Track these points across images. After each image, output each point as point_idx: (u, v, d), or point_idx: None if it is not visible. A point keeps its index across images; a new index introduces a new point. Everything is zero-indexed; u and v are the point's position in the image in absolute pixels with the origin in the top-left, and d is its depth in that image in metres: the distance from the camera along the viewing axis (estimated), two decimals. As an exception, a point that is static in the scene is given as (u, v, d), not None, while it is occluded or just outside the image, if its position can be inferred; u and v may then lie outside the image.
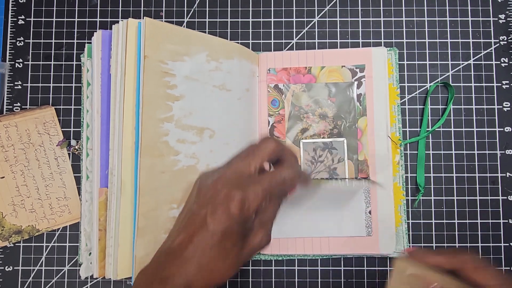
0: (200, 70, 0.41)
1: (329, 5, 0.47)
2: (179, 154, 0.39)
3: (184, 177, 0.39)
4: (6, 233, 0.43)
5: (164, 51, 0.38)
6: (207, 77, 0.41)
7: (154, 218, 0.37)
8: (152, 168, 0.37)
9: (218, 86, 0.42)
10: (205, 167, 0.40)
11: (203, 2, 0.47)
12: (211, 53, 0.41)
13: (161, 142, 0.38)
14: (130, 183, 0.38)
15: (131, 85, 0.38)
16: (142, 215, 0.37)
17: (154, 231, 0.37)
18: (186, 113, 0.39)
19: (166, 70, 0.38)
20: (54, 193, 0.44)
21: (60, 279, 0.44)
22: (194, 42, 0.40)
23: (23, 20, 0.47)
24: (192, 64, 0.40)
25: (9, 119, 0.44)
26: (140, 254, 0.37)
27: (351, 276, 0.44)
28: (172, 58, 0.39)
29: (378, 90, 0.44)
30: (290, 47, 0.47)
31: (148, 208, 0.37)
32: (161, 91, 0.38)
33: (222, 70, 0.42)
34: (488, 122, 0.45)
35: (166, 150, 0.38)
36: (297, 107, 0.45)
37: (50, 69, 0.46)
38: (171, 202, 0.38)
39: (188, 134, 0.39)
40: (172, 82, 0.39)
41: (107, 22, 0.47)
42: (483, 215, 0.44)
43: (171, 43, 0.39)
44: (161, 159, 0.38)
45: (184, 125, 0.39)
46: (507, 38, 0.46)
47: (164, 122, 0.38)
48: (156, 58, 0.38)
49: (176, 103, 0.39)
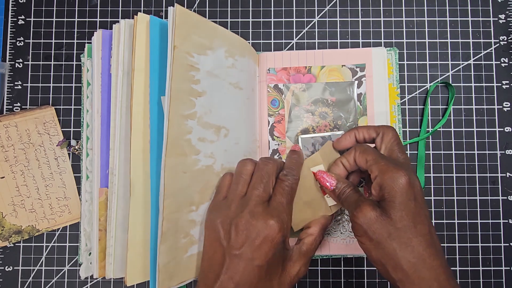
0: (220, 65, 0.38)
1: (329, 5, 0.47)
2: (200, 153, 0.36)
3: (202, 178, 0.37)
4: (6, 233, 0.43)
5: (191, 42, 0.35)
6: (225, 73, 0.39)
7: (174, 221, 0.35)
8: (176, 168, 0.34)
9: (234, 84, 0.40)
10: (220, 167, 0.38)
11: (203, 2, 0.47)
12: (230, 49, 0.39)
13: (185, 140, 0.35)
14: (141, 184, 0.36)
15: (141, 83, 0.36)
16: (166, 219, 0.34)
17: (175, 235, 0.35)
18: (206, 111, 0.37)
19: (192, 64, 0.35)
20: (54, 193, 0.44)
21: (60, 279, 0.44)
22: (217, 35, 0.38)
23: (23, 20, 0.47)
24: (213, 59, 0.38)
25: (9, 119, 0.44)
26: (163, 261, 0.34)
27: (351, 276, 0.44)
28: (197, 51, 0.36)
29: (378, 90, 0.44)
30: (290, 47, 0.47)
31: (171, 211, 0.34)
32: (187, 86, 0.35)
33: (237, 68, 0.40)
34: (488, 122, 0.45)
35: (188, 149, 0.35)
36: (297, 107, 0.45)
37: (50, 69, 0.46)
38: (190, 204, 0.36)
39: (207, 132, 0.37)
40: (197, 77, 0.36)
41: (107, 22, 0.47)
42: (483, 215, 0.44)
43: (197, 35, 0.36)
44: (184, 158, 0.35)
45: (205, 122, 0.37)
46: (507, 38, 0.46)
47: (188, 119, 0.35)
48: (184, 49, 0.35)
49: (198, 99, 0.36)
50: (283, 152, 0.44)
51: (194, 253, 0.36)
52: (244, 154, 0.41)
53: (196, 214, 0.36)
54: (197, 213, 0.36)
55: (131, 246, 0.36)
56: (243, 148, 0.41)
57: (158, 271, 0.34)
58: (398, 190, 0.30)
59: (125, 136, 0.38)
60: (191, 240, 0.36)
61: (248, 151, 0.42)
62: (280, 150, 0.44)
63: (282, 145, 0.44)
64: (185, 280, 0.36)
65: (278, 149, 0.44)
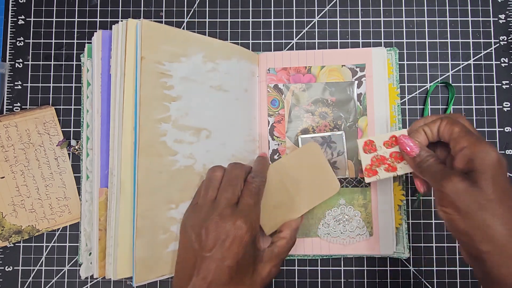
0: (197, 71, 0.41)
1: (329, 5, 0.47)
2: (177, 154, 0.39)
3: (181, 177, 0.39)
4: (6, 233, 0.43)
5: (161, 52, 0.39)
6: (204, 77, 0.41)
7: (151, 218, 0.37)
8: (150, 168, 0.37)
9: (215, 86, 0.42)
10: (202, 167, 0.40)
11: (203, 2, 0.47)
12: (208, 54, 0.42)
13: (159, 143, 0.38)
14: (129, 183, 0.37)
15: (131, 86, 0.38)
16: (140, 215, 0.37)
17: (152, 231, 0.37)
18: (182, 114, 0.40)
19: (163, 71, 0.39)
20: (54, 193, 0.44)
21: (60, 279, 0.44)
22: (191, 43, 0.41)
23: (23, 20, 0.47)
24: (189, 65, 0.40)
25: (9, 119, 0.44)
26: (139, 255, 0.37)
27: (351, 276, 0.44)
28: (169, 59, 0.39)
29: (378, 90, 0.44)
30: (290, 47, 0.47)
31: (146, 208, 0.37)
32: (158, 92, 0.38)
33: (219, 71, 0.42)
34: (488, 122, 0.45)
35: (163, 150, 0.38)
36: (297, 107, 0.45)
37: (50, 69, 0.46)
38: (169, 203, 0.38)
39: (185, 134, 0.40)
40: (169, 83, 0.39)
41: (107, 22, 0.47)
42: (483, 215, 0.44)
43: (168, 45, 0.39)
44: (159, 159, 0.38)
45: (181, 125, 0.39)
46: (507, 38, 0.46)
47: (162, 123, 0.38)
48: (153, 59, 0.38)
49: (173, 104, 0.39)
50: (283, 152, 0.44)
51: (176, 248, 0.38)
52: (233, 154, 0.43)
53: (177, 211, 0.39)
54: (177, 211, 0.39)
55: (121, 243, 0.37)
56: (232, 148, 0.43)
57: (135, 264, 0.36)
58: (490, 163, 0.30)
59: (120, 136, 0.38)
60: (172, 236, 0.39)
61: (239, 151, 0.43)
62: (280, 150, 0.44)
63: (282, 145, 0.44)
64: (166, 274, 0.38)
65: (278, 149, 0.44)
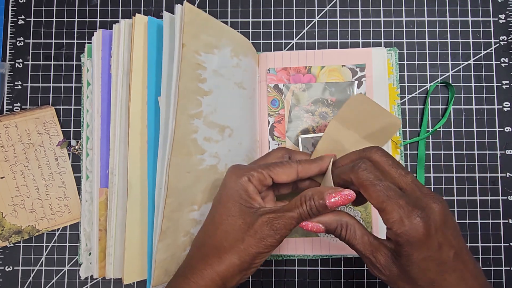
0: (225, 65, 0.38)
1: (329, 5, 0.47)
2: (205, 152, 0.36)
3: (206, 178, 0.37)
4: (6, 233, 0.43)
5: (200, 41, 0.35)
6: (230, 73, 0.39)
7: (176, 220, 0.35)
8: (180, 167, 0.34)
9: (238, 83, 0.39)
10: (224, 167, 0.38)
11: (203, 2, 0.47)
12: (235, 48, 0.39)
13: (191, 140, 0.35)
14: (138, 184, 0.37)
15: (139, 84, 0.36)
16: (166, 217, 0.34)
17: (174, 233, 0.35)
18: (212, 110, 0.37)
19: (200, 62, 0.35)
20: (54, 193, 0.44)
21: (60, 279, 0.44)
22: (224, 35, 0.38)
23: (23, 20, 0.47)
24: (220, 58, 0.37)
25: (9, 119, 0.44)
26: (160, 258, 0.34)
27: (351, 276, 0.44)
28: (205, 50, 0.36)
29: (378, 90, 0.44)
30: (290, 47, 0.47)
31: (172, 209, 0.34)
32: (194, 85, 0.35)
33: (241, 68, 0.40)
34: (488, 122, 0.45)
35: (193, 148, 0.35)
36: (297, 107, 0.45)
37: (50, 69, 0.46)
38: (192, 204, 0.36)
39: (213, 132, 0.37)
40: (203, 76, 0.36)
41: (107, 22, 0.47)
42: (483, 215, 0.44)
43: (206, 34, 0.36)
44: (188, 158, 0.35)
45: (210, 122, 0.36)
46: (507, 38, 0.46)
47: (195, 119, 0.35)
48: (192, 47, 0.35)
49: (205, 98, 0.36)
50: (283, 152, 0.44)
51: None
52: (246, 155, 0.41)
53: (198, 213, 0.37)
54: (199, 212, 0.37)
55: (128, 245, 0.36)
56: (246, 148, 0.41)
57: (154, 267, 0.34)
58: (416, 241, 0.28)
59: (125, 136, 0.38)
60: (191, 239, 0.36)
61: (250, 151, 0.42)
62: (280, 150, 0.44)
63: (282, 145, 0.44)
64: None
65: (278, 149, 0.44)
